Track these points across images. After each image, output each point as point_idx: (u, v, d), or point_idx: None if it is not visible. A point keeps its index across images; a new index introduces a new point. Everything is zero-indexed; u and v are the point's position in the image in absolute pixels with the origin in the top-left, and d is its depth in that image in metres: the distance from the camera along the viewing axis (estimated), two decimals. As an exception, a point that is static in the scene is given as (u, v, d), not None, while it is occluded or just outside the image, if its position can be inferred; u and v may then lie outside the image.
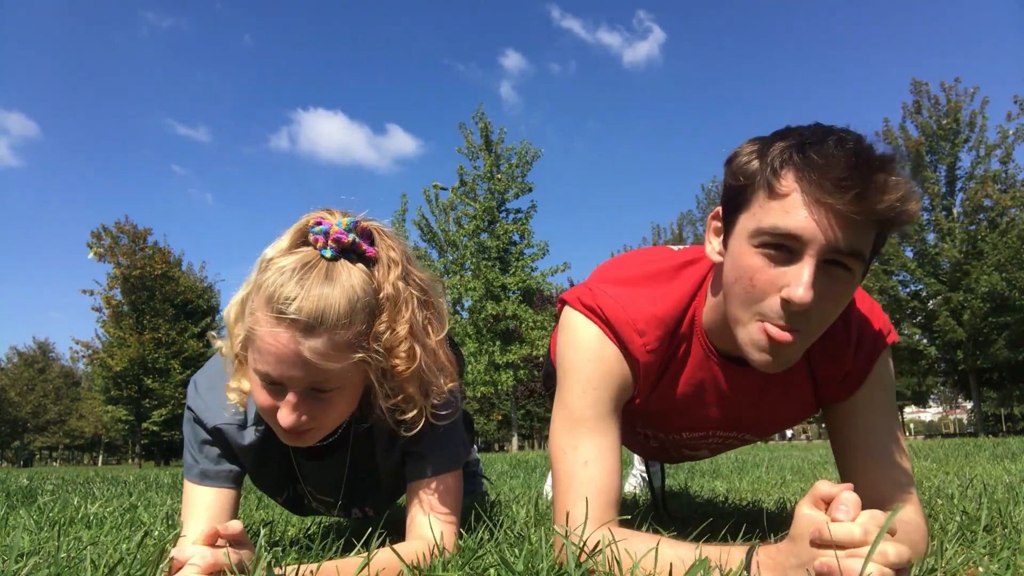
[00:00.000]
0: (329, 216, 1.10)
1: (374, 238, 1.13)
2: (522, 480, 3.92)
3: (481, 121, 23.70)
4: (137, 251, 29.61)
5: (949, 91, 24.86)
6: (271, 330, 1.03)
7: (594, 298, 1.20)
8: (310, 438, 1.17)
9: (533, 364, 23.83)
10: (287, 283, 1.03)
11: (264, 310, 1.04)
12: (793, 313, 0.98)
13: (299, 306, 1.02)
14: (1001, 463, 4.13)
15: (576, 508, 1.11)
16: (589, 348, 1.19)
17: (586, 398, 1.17)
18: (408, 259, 1.16)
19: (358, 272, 1.08)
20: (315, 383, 1.08)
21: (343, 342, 1.05)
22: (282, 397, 1.09)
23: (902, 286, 25.93)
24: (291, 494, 1.49)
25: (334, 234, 1.07)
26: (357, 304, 1.06)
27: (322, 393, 1.10)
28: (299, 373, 1.06)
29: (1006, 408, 43.34)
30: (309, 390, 1.09)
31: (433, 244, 25.51)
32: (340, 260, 1.07)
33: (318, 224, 1.08)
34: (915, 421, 65.05)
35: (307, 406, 1.10)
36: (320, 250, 1.07)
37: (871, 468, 1.19)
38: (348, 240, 1.07)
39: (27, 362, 50.60)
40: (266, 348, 1.04)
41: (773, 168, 0.97)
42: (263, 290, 1.05)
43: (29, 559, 1.17)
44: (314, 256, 1.06)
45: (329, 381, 1.08)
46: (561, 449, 1.17)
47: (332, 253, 1.07)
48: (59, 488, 3.99)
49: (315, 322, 1.02)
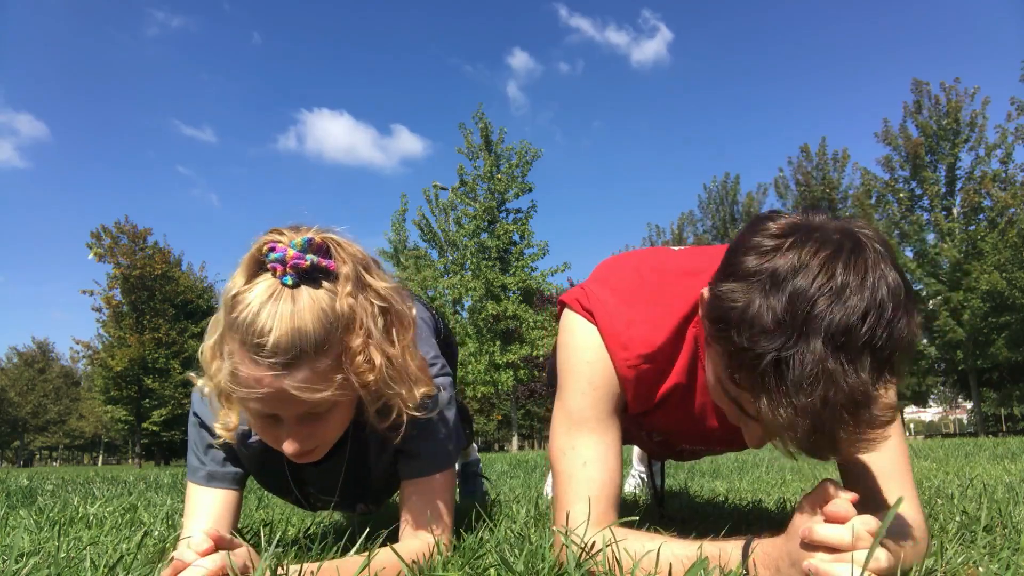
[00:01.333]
0: (281, 238, 1.06)
1: (330, 251, 1.09)
2: (522, 480, 3.92)
3: (481, 121, 23.70)
4: (137, 251, 29.63)
5: (949, 91, 24.88)
6: (253, 372, 1.02)
7: (589, 301, 1.20)
8: (316, 455, 1.18)
9: (533, 364, 23.84)
10: (256, 322, 1.00)
11: (240, 352, 1.02)
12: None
13: (275, 345, 1.00)
14: (1001, 463, 4.13)
15: (576, 508, 1.11)
16: (588, 350, 1.19)
17: (586, 399, 1.17)
18: (366, 266, 1.13)
19: (322, 295, 1.05)
20: (310, 408, 1.08)
21: (324, 369, 1.04)
22: (279, 426, 1.10)
23: (902, 286, 25.88)
24: (297, 495, 1.51)
25: (290, 260, 1.03)
26: (327, 326, 1.04)
27: (318, 415, 1.11)
28: (289, 407, 1.06)
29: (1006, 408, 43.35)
30: (304, 415, 1.10)
31: (433, 244, 25.54)
32: (301, 287, 1.04)
33: (271, 250, 1.04)
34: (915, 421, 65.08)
35: (307, 430, 1.11)
36: (280, 278, 1.04)
37: (870, 468, 1.19)
38: (306, 264, 1.04)
39: (27, 362, 50.62)
40: (252, 386, 1.03)
41: (794, 379, 0.79)
42: (235, 331, 1.03)
43: (29, 559, 1.17)
44: (275, 286, 1.03)
45: (323, 403, 1.08)
46: (561, 449, 1.17)
47: (292, 280, 1.04)
48: (59, 488, 3.99)
49: (293, 358, 1.01)
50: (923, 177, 24.73)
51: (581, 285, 1.27)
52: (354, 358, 1.07)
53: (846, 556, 0.77)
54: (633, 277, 1.24)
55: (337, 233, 1.13)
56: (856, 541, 0.78)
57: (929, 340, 25.41)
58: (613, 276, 1.25)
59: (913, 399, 31.43)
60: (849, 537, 0.78)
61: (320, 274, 1.07)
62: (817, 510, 0.84)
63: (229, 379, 1.05)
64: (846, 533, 0.78)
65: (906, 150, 25.12)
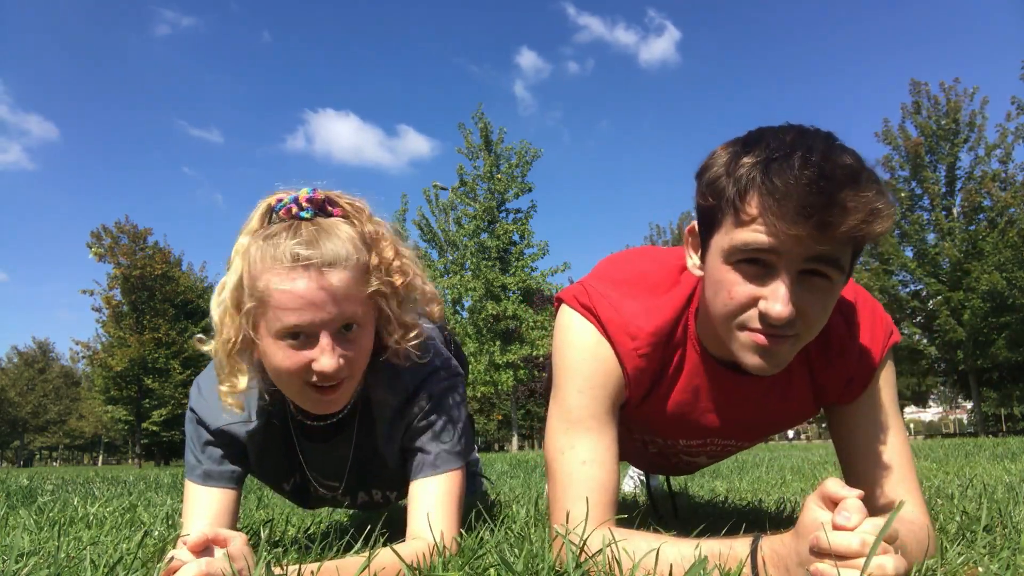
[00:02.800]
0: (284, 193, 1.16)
1: (335, 201, 1.20)
2: (522, 480, 3.92)
3: (481, 121, 23.69)
4: (137, 251, 29.63)
5: (948, 91, 24.87)
6: (290, 280, 1.07)
7: (589, 298, 1.20)
8: (343, 394, 1.20)
9: (533, 364, 23.83)
10: (285, 241, 1.09)
11: (274, 270, 1.08)
12: (777, 325, 0.99)
13: (310, 250, 1.08)
14: (1001, 463, 4.13)
15: (575, 508, 1.10)
16: (586, 347, 1.18)
17: (583, 397, 1.17)
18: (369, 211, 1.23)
19: (336, 220, 1.15)
20: (345, 318, 1.12)
21: (357, 272, 1.13)
22: (312, 348, 1.12)
23: (902, 286, 25.94)
24: (297, 481, 1.49)
25: (304, 198, 1.13)
26: (353, 240, 1.13)
27: (349, 332, 1.14)
28: (331, 310, 1.10)
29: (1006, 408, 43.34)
30: (339, 331, 1.13)
31: (433, 244, 25.52)
32: (318, 216, 1.14)
33: (279, 202, 1.15)
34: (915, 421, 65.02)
35: (341, 347, 1.14)
36: (297, 214, 1.13)
37: (875, 469, 1.19)
38: (320, 197, 1.15)
39: (27, 362, 50.61)
40: (291, 300, 1.07)
41: (739, 190, 0.96)
42: (262, 260, 1.09)
43: (29, 559, 1.17)
44: (292, 221, 1.13)
45: (355, 313, 1.13)
46: (559, 449, 1.17)
47: (310, 212, 1.14)
48: (59, 488, 3.99)
49: (331, 258, 1.09)
50: (923, 177, 24.72)
51: (580, 282, 1.26)
52: (389, 265, 1.18)
53: (856, 563, 0.77)
54: (632, 272, 1.25)
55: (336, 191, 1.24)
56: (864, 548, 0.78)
57: (929, 340, 25.41)
58: (613, 272, 1.26)
59: (913, 399, 31.43)
60: (858, 545, 0.77)
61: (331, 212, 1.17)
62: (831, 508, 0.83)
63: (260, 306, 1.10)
64: (855, 541, 0.78)
65: (906, 150, 25.11)
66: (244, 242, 1.13)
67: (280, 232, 1.11)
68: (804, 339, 1.04)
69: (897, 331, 1.26)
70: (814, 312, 1.00)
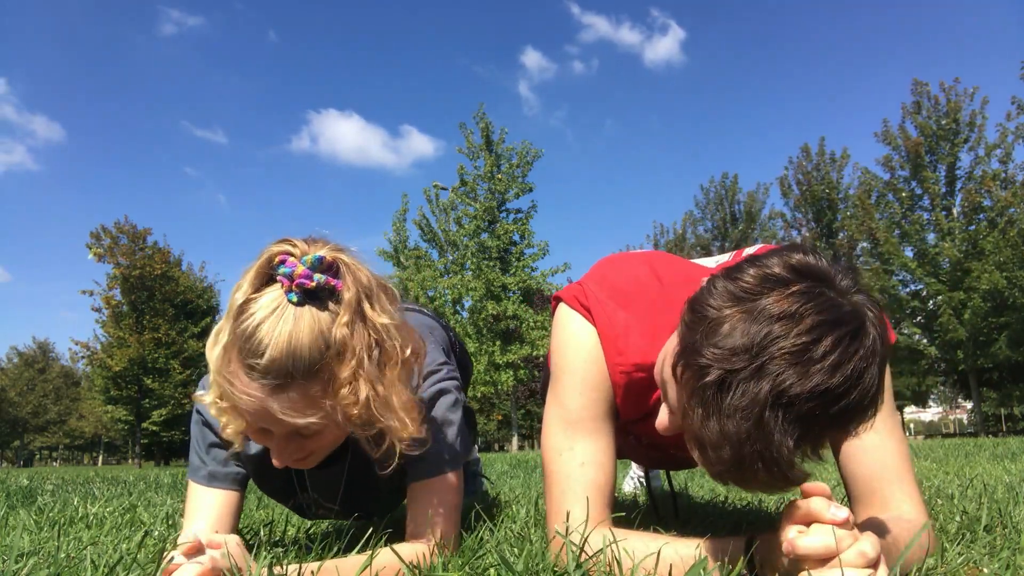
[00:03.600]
0: (293, 250, 1.06)
1: (340, 272, 1.09)
2: (522, 480, 3.92)
3: (482, 121, 23.70)
4: (137, 251, 29.63)
5: (949, 91, 24.87)
6: (244, 385, 1.04)
7: (588, 300, 1.19)
8: (309, 464, 1.20)
9: (533, 364, 23.83)
10: (256, 336, 1.02)
11: (237, 363, 1.04)
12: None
13: (268, 364, 1.01)
14: (1001, 463, 4.12)
15: (575, 509, 1.10)
16: (585, 348, 1.17)
17: (583, 398, 1.16)
18: (368, 295, 1.11)
19: (324, 318, 1.05)
20: (296, 429, 1.09)
21: (312, 395, 1.04)
22: (269, 437, 1.12)
23: (902, 286, 25.92)
24: (297, 502, 1.50)
25: (298, 278, 1.04)
26: (324, 353, 1.04)
27: (306, 434, 1.11)
28: (277, 425, 1.07)
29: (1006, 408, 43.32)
30: (292, 434, 1.11)
31: (433, 244, 25.52)
32: (305, 306, 1.04)
33: (282, 263, 1.05)
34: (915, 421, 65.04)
35: (295, 446, 1.13)
36: (286, 294, 1.04)
37: (871, 469, 1.18)
38: (312, 285, 1.04)
39: (27, 362, 50.64)
40: (243, 404, 1.05)
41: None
42: (236, 340, 1.04)
43: (29, 559, 1.17)
44: (280, 301, 1.04)
45: (308, 426, 1.08)
46: (557, 450, 1.16)
47: (297, 299, 1.04)
48: (59, 488, 3.99)
49: (283, 380, 1.02)
50: (923, 177, 24.72)
51: (579, 282, 1.25)
52: (339, 389, 1.06)
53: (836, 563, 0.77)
54: (632, 282, 1.21)
55: (350, 253, 1.12)
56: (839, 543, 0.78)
57: (929, 340, 25.40)
58: (612, 278, 1.23)
59: (913, 399, 31.42)
60: (833, 543, 0.78)
61: (326, 295, 1.06)
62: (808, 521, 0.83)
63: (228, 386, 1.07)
64: (829, 540, 0.78)
65: (906, 150, 25.12)
66: (237, 300, 1.06)
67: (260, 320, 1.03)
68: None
69: (892, 332, 1.26)
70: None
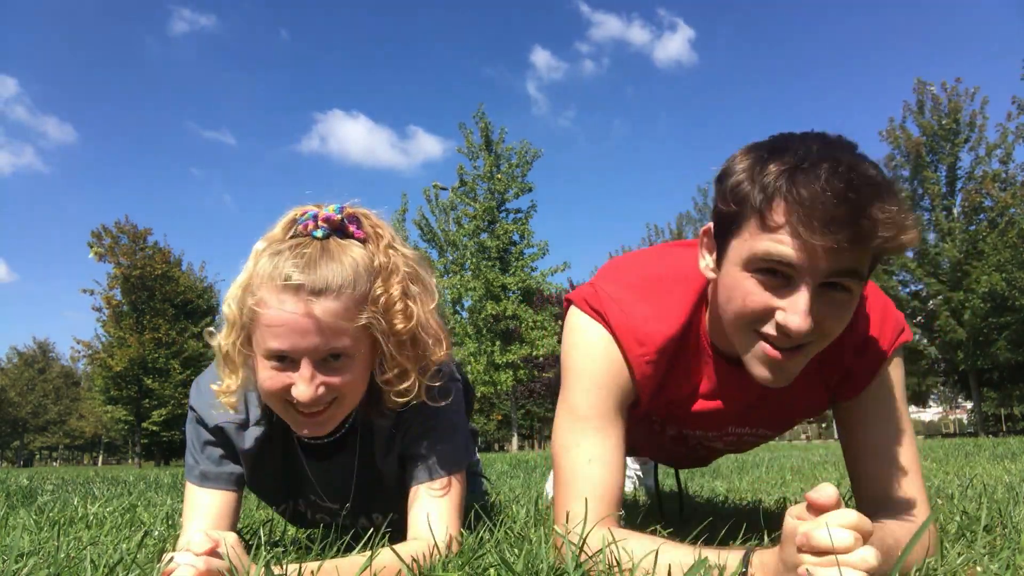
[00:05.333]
0: (314, 207, 1.17)
1: (360, 221, 1.19)
2: (522, 480, 3.92)
3: (481, 121, 23.69)
4: (137, 251, 29.64)
5: (950, 91, 24.88)
6: (279, 301, 1.06)
7: (599, 301, 1.20)
8: (328, 419, 1.18)
9: (533, 364, 23.82)
10: (287, 259, 1.08)
11: (268, 286, 1.08)
12: (792, 337, 0.98)
13: (303, 274, 1.07)
14: (1001, 463, 4.12)
15: (577, 506, 1.11)
16: (595, 349, 1.19)
17: (590, 397, 1.17)
18: (394, 238, 1.21)
19: (350, 244, 1.14)
20: (329, 348, 1.09)
21: (350, 303, 1.09)
22: (294, 372, 1.10)
23: (902, 286, 25.94)
24: (290, 506, 1.47)
25: (323, 216, 1.14)
26: (357, 268, 1.11)
27: (335, 361, 1.12)
28: (313, 339, 1.07)
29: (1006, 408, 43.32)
30: (323, 360, 1.10)
31: (433, 244, 25.51)
32: (332, 237, 1.14)
33: (305, 213, 1.15)
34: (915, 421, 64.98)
35: (323, 376, 1.11)
36: (311, 232, 1.13)
37: (879, 466, 1.18)
38: (337, 219, 1.14)
39: (27, 362, 50.61)
40: (276, 321, 1.06)
41: (765, 196, 0.94)
42: (263, 271, 1.09)
43: (29, 559, 1.17)
44: (306, 239, 1.13)
45: (342, 345, 1.10)
46: (564, 447, 1.17)
47: (323, 232, 1.13)
48: (59, 488, 3.99)
49: (322, 285, 1.07)
50: (924, 177, 24.72)
51: (590, 283, 1.26)
52: (392, 304, 1.13)
53: (844, 559, 0.77)
54: (642, 274, 1.25)
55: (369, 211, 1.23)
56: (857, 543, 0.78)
57: (929, 340, 25.40)
58: (623, 273, 1.26)
59: (913, 399, 31.43)
60: (851, 540, 0.77)
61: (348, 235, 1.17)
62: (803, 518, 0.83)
63: (251, 313, 1.09)
64: (847, 537, 0.78)
65: (907, 149, 25.12)
66: (260, 247, 1.14)
67: (286, 249, 1.10)
68: (816, 349, 1.04)
69: (909, 330, 1.25)
70: (831, 324, 0.99)
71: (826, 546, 0.78)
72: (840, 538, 0.78)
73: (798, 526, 0.82)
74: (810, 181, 0.91)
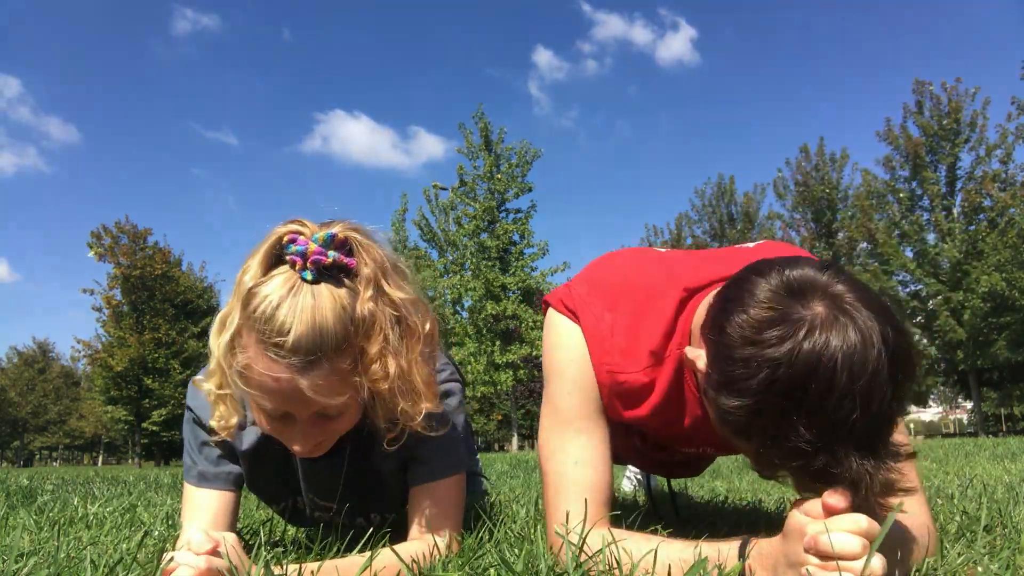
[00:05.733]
0: (303, 230, 1.04)
1: (353, 250, 1.07)
2: (522, 480, 3.92)
3: (481, 121, 23.69)
4: (137, 251, 29.65)
5: (950, 91, 24.86)
6: (270, 370, 1.00)
7: (574, 301, 1.20)
8: (323, 447, 1.17)
9: (533, 364, 23.82)
10: (276, 316, 0.98)
11: (257, 349, 1.00)
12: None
13: (295, 343, 0.98)
14: (1001, 463, 4.12)
15: (571, 508, 1.11)
16: (572, 349, 1.18)
17: (573, 398, 1.17)
18: (384, 272, 1.09)
19: (343, 294, 1.03)
20: (323, 408, 1.07)
21: (342, 371, 1.03)
22: (290, 425, 1.09)
23: (902, 286, 25.93)
24: (289, 504, 1.47)
25: (311, 255, 1.01)
26: (350, 329, 1.02)
27: (328, 417, 1.10)
28: (305, 406, 1.05)
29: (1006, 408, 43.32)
30: (317, 415, 1.09)
31: (433, 244, 25.53)
32: (321, 283, 1.02)
33: (292, 242, 1.02)
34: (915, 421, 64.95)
35: (317, 430, 1.10)
36: (299, 272, 1.01)
37: None
38: (327, 261, 1.02)
39: (27, 362, 50.61)
40: (267, 388, 1.02)
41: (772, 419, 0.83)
42: (252, 325, 1.01)
43: (29, 559, 1.17)
44: (295, 280, 1.01)
45: (335, 403, 1.06)
46: (550, 450, 1.17)
47: (312, 276, 1.01)
48: (59, 488, 3.99)
49: (313, 357, 0.99)
50: (923, 177, 24.72)
51: (567, 284, 1.26)
52: (370, 365, 1.05)
53: (851, 565, 0.77)
54: (621, 282, 1.22)
55: (364, 231, 1.11)
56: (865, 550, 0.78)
57: (929, 340, 25.40)
58: (600, 278, 1.24)
59: (913, 399, 31.42)
60: (859, 547, 0.77)
61: (341, 272, 1.04)
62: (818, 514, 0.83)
63: (240, 376, 1.04)
64: (856, 543, 0.77)
65: (906, 150, 25.12)
66: (247, 283, 1.03)
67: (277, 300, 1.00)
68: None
69: None
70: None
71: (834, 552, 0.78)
72: (849, 545, 0.77)
73: (806, 524, 0.82)
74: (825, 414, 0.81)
